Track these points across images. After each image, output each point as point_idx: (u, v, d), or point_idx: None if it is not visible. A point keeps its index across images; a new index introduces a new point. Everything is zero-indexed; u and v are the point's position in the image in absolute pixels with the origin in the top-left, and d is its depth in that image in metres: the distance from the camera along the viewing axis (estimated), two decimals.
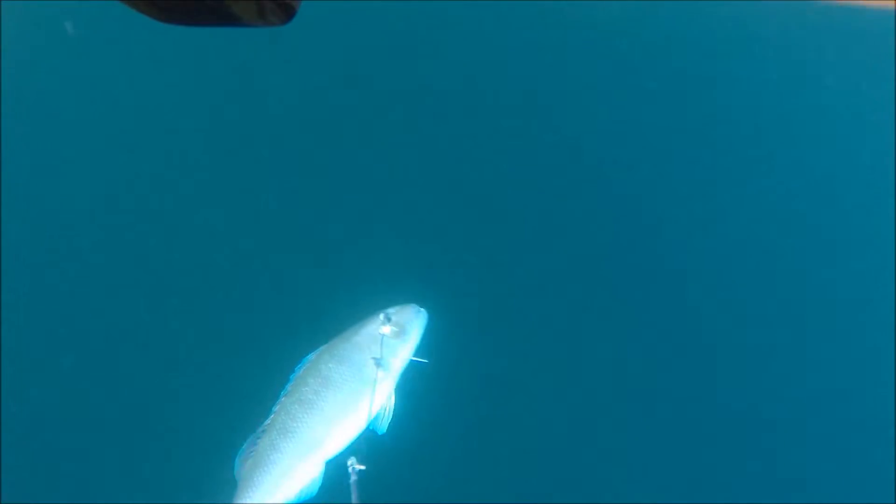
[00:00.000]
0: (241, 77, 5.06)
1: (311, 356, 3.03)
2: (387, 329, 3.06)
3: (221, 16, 0.50)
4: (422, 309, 3.21)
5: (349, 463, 2.43)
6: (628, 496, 4.16)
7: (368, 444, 2.76)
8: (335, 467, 2.49)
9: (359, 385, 2.97)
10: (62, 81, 4.92)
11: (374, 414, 2.97)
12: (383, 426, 2.96)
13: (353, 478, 2.34)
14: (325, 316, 3.31)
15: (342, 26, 5.21)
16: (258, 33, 4.59)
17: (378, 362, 2.99)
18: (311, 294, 4.23)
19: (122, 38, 4.75)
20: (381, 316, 3.10)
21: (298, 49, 4.99)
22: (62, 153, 4.64)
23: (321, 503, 2.81)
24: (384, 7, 5.27)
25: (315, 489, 2.84)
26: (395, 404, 3.02)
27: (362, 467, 2.40)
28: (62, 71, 4.94)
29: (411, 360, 3.13)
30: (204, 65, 4.95)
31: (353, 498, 2.18)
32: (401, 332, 3.09)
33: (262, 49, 4.89)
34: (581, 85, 5.68)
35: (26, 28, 4.90)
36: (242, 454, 2.84)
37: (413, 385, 3.20)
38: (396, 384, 3.08)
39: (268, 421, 2.86)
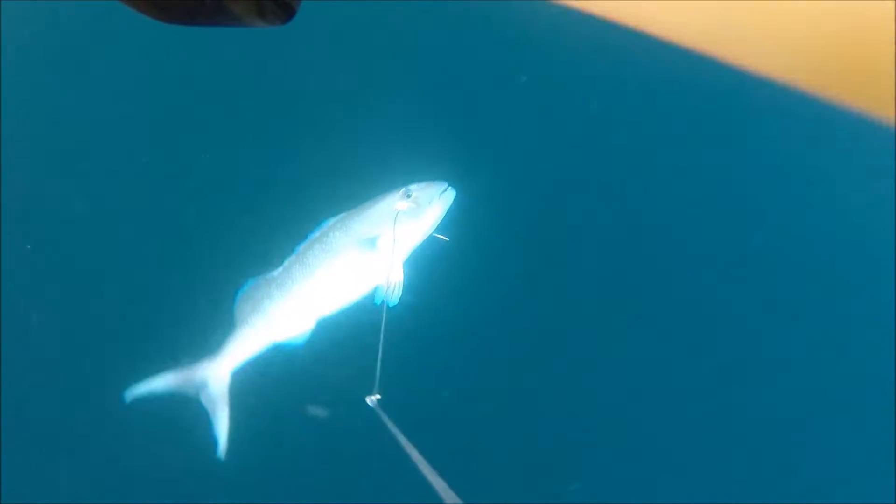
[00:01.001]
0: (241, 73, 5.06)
1: (326, 223, 3.15)
2: (403, 205, 3.07)
3: (221, 16, 0.50)
4: (450, 187, 3.19)
5: (367, 400, 2.46)
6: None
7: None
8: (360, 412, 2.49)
9: (358, 256, 3.08)
10: (62, 81, 4.92)
11: (378, 286, 3.08)
12: (393, 300, 3.03)
13: (375, 406, 2.38)
14: (354, 188, 3.38)
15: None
16: (258, 33, 4.59)
17: (378, 239, 3.05)
18: (341, 170, 4.21)
19: (123, 37, 4.75)
20: (402, 191, 3.12)
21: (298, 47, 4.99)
22: (61, 152, 4.64)
23: None
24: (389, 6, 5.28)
25: (302, 340, 3.12)
26: (405, 278, 3.07)
27: (378, 396, 2.43)
28: (62, 71, 4.95)
29: (432, 237, 3.16)
30: (204, 64, 4.95)
31: (390, 426, 2.18)
32: (416, 210, 3.08)
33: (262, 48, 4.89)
34: None
35: (26, 28, 4.91)
36: (241, 296, 3.14)
37: (429, 263, 3.26)
38: (407, 259, 3.14)
39: (272, 274, 3.13)
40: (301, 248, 3.14)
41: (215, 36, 4.54)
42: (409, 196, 3.10)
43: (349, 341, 3.39)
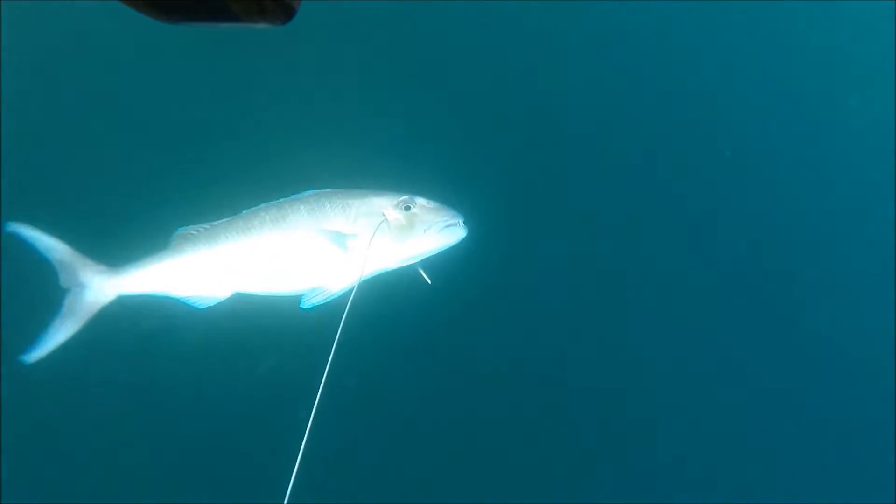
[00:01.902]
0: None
1: (304, 194, 2.67)
2: (392, 214, 2.54)
3: (222, 15, 0.50)
4: (461, 223, 2.62)
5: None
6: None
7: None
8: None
9: (306, 243, 2.57)
10: (62, 81, 4.92)
11: (313, 289, 2.57)
12: (310, 303, 2.55)
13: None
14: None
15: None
16: (258, 33, 4.59)
17: (342, 237, 2.52)
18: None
19: (123, 37, 4.75)
20: (404, 198, 2.57)
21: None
22: (61, 152, 4.64)
23: None
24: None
25: (204, 305, 2.67)
26: (348, 298, 2.29)
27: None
28: (62, 71, 4.94)
29: (412, 267, 2.62)
30: (204, 64, 4.95)
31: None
32: (405, 229, 2.54)
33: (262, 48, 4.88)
34: None
35: (26, 28, 4.90)
36: (177, 235, 2.69)
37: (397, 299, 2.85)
38: (368, 278, 2.55)
39: (215, 224, 2.69)
40: (261, 207, 2.67)
41: (218, 36, 4.51)
42: (407, 208, 2.56)
43: (257, 336, 3.03)
